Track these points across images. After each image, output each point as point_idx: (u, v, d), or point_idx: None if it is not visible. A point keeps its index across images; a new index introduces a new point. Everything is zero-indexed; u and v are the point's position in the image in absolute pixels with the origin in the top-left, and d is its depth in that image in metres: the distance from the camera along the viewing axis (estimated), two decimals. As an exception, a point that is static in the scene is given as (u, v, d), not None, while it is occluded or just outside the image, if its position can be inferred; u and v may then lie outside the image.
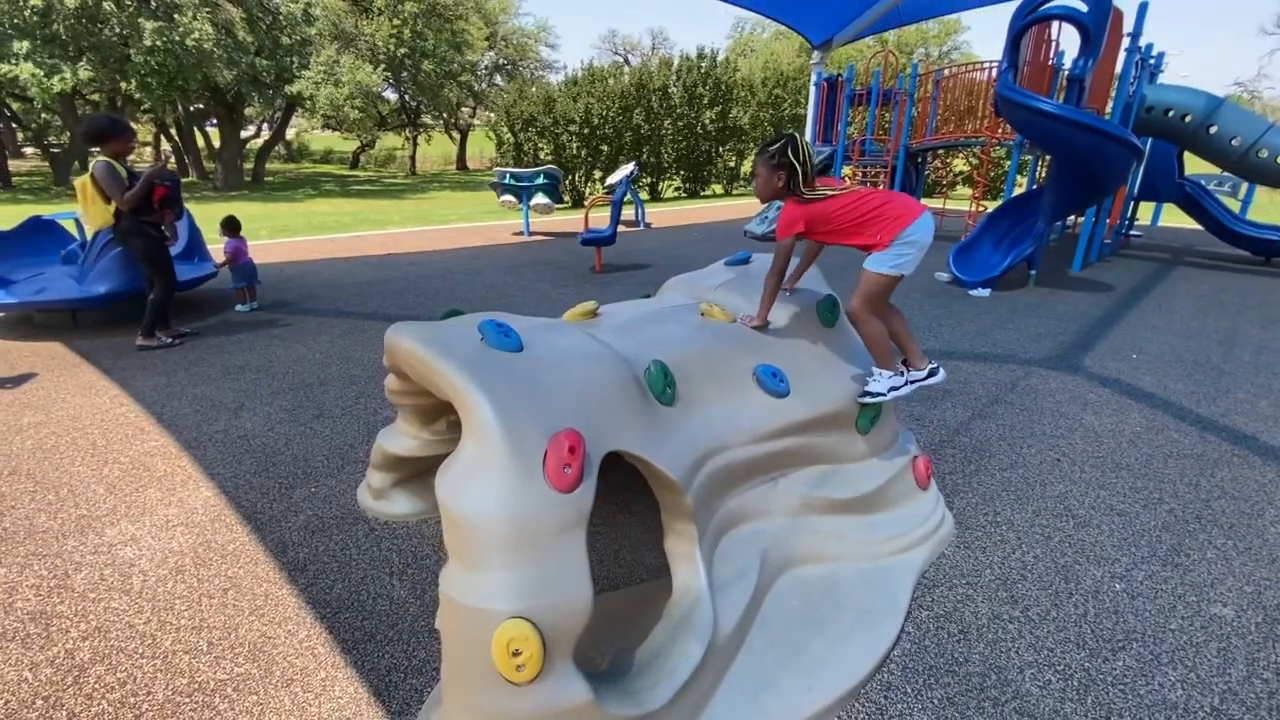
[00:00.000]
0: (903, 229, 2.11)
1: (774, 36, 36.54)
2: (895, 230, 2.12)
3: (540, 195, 9.90)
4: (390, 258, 8.17)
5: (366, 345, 4.62)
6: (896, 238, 2.12)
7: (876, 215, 2.14)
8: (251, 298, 5.48)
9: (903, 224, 2.11)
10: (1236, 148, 7.22)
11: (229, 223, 5.41)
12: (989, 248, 6.90)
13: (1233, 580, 2.23)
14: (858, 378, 2.33)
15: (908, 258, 2.14)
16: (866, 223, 2.15)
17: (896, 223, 2.12)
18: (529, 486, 1.39)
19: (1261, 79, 38.49)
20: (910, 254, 2.14)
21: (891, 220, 2.13)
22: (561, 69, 48.02)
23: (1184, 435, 3.35)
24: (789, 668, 1.73)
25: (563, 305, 5.87)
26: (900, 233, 2.11)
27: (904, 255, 2.14)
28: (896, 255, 2.13)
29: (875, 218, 2.14)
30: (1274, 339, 5.09)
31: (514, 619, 1.28)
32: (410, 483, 2.56)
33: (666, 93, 16.91)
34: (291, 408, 3.54)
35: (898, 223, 2.12)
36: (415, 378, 1.75)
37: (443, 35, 26.05)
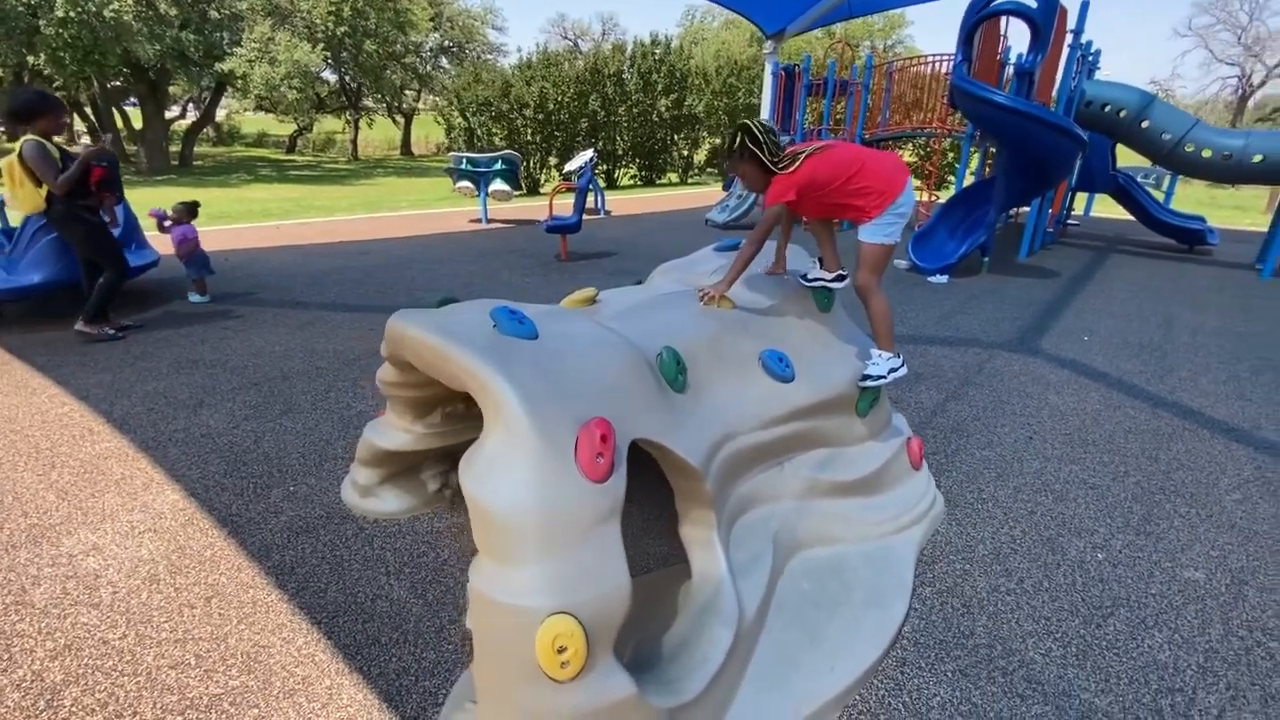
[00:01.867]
0: (891, 202, 2.19)
1: (724, 25, 36.65)
2: (884, 204, 2.19)
3: (499, 181, 9.65)
4: (342, 246, 7.82)
5: (330, 336, 4.41)
6: (886, 210, 2.19)
7: (865, 189, 2.20)
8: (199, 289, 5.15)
9: (890, 197, 2.19)
10: (1167, 141, 7.68)
11: (191, 207, 5.06)
12: (944, 236, 7.13)
13: (1200, 546, 2.37)
14: (856, 361, 2.36)
15: (897, 227, 2.24)
16: (856, 193, 2.21)
17: (884, 196, 2.19)
18: (563, 477, 1.34)
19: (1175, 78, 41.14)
20: (900, 224, 2.24)
21: (878, 194, 2.19)
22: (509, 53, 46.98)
23: (1139, 412, 3.55)
24: (809, 649, 1.74)
25: (531, 294, 5.82)
26: (889, 206, 2.19)
27: (894, 225, 2.23)
28: (888, 225, 2.22)
29: (864, 190, 2.20)
30: (1205, 321, 5.45)
31: (558, 614, 1.24)
32: (400, 478, 2.46)
33: (621, 79, 16.75)
34: (256, 403, 3.35)
35: (885, 196, 2.19)
36: (424, 368, 1.67)
37: (385, 14, 24.99)
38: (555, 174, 16.74)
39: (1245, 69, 33.20)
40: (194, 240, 4.99)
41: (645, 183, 18.97)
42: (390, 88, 31.17)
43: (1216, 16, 32.51)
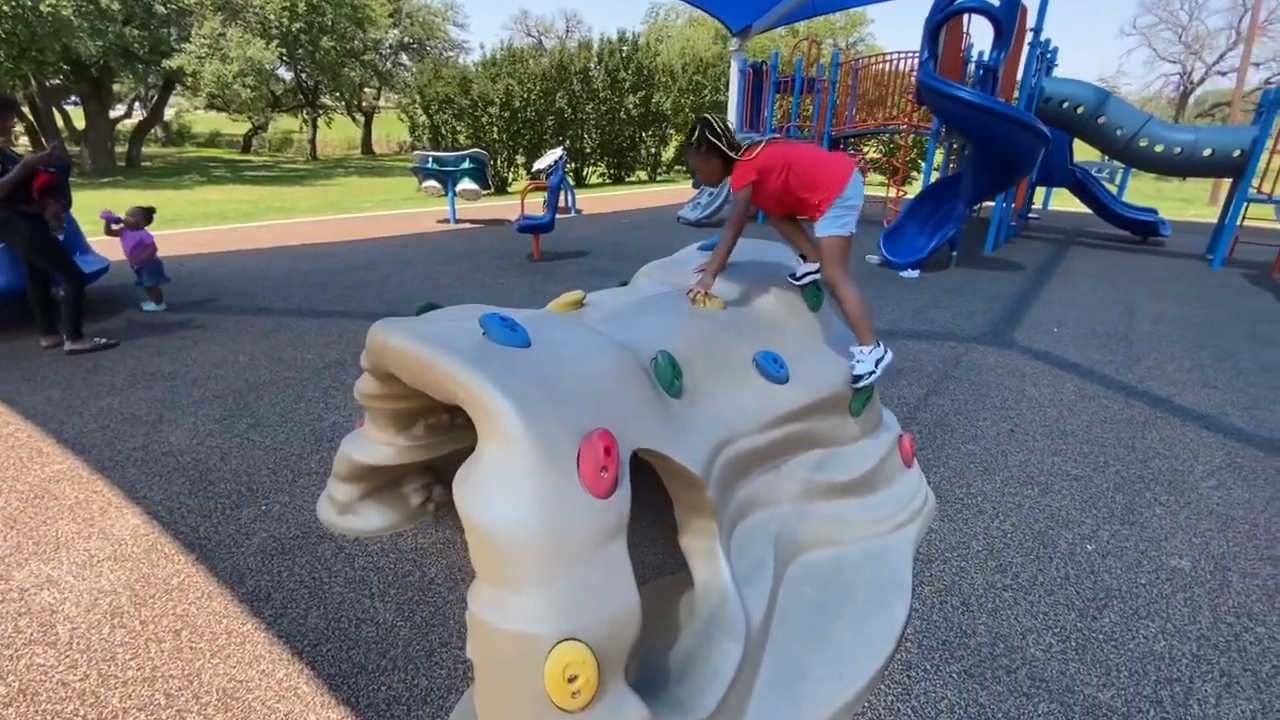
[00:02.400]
0: (838, 194, 2.21)
1: (689, 23, 36.73)
2: (831, 197, 2.21)
3: (467, 180, 9.46)
4: (306, 249, 7.56)
5: (297, 344, 4.23)
6: (833, 204, 2.21)
7: (814, 183, 2.23)
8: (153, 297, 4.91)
9: (836, 190, 2.21)
10: (1121, 137, 7.93)
11: (147, 213, 4.80)
12: (914, 231, 7.23)
13: (1182, 534, 2.42)
14: (848, 360, 2.34)
15: (849, 218, 2.24)
16: (805, 186, 2.23)
17: (830, 189, 2.22)
18: (566, 493, 1.27)
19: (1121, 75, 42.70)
20: (852, 215, 2.25)
21: (825, 188, 2.22)
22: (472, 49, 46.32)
23: (1112, 401, 3.63)
24: (816, 656, 1.71)
25: (504, 296, 5.69)
26: (835, 199, 2.21)
27: (845, 217, 2.24)
28: (840, 217, 2.23)
29: (812, 184, 2.23)
30: (1165, 310, 5.63)
31: (566, 641, 1.17)
32: (381, 493, 2.35)
33: (588, 76, 16.61)
34: (221, 417, 3.18)
35: (831, 189, 2.21)
36: (409, 379, 1.57)
37: (342, 10, 24.32)
38: (523, 172, 16.52)
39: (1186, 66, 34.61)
40: (151, 246, 4.76)
41: (614, 181, 18.87)
42: (349, 85, 30.42)
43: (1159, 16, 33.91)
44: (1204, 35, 33.45)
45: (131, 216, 4.72)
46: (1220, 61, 32.91)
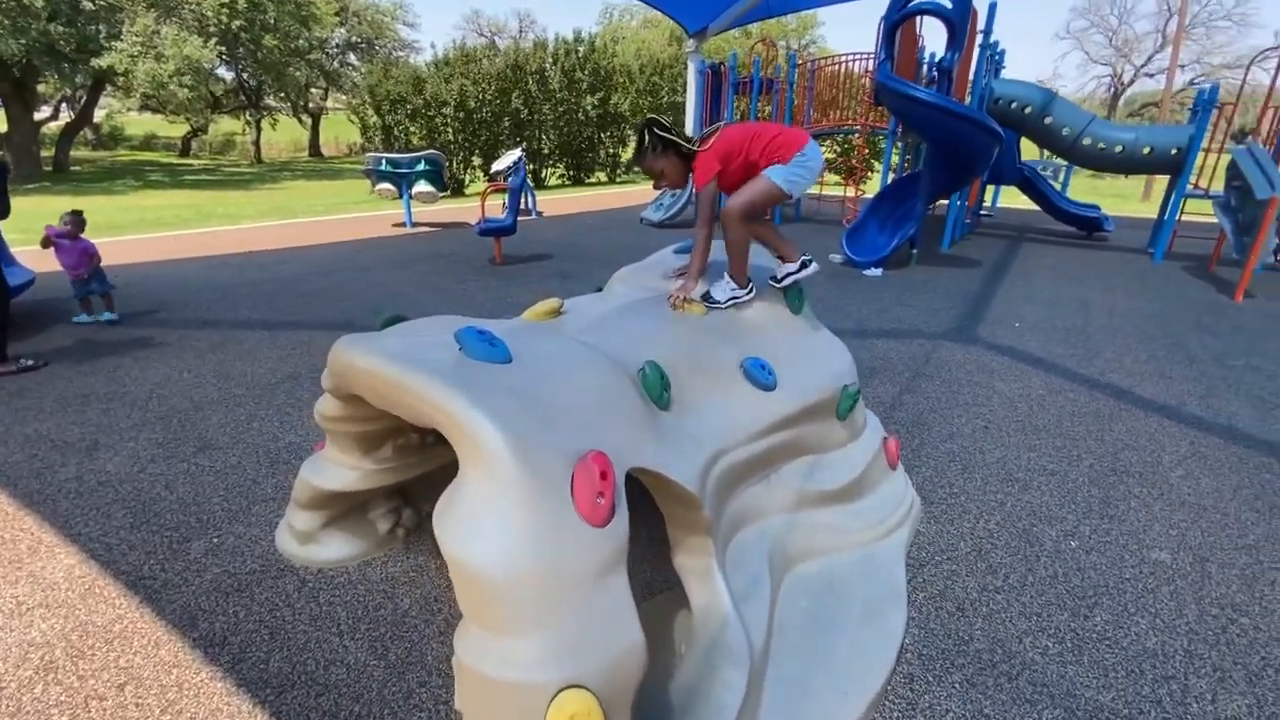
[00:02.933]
0: (799, 150, 2.21)
1: (643, 24, 36.75)
2: (793, 151, 2.21)
3: (423, 183, 9.19)
4: (254, 256, 7.20)
5: (247, 359, 3.98)
6: (795, 156, 2.21)
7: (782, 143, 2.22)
8: (88, 309, 4.58)
9: (798, 146, 2.21)
10: (1067, 136, 8.21)
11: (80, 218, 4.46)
12: (875, 230, 7.32)
13: (1159, 526, 2.45)
14: (834, 363, 2.29)
15: (800, 178, 2.23)
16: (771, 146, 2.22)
17: (792, 146, 2.22)
18: (561, 524, 1.17)
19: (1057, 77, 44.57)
20: (804, 175, 2.24)
21: (788, 145, 2.22)
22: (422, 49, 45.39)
23: (1078, 394, 3.70)
24: (818, 674, 1.64)
25: (467, 301, 5.51)
26: (797, 154, 2.21)
27: (798, 174, 2.22)
28: (792, 172, 2.22)
29: (780, 144, 2.22)
30: (1117, 303, 5.83)
31: (569, 689, 1.06)
32: (345, 520, 2.19)
33: (544, 77, 16.40)
34: (164, 441, 2.95)
35: (793, 146, 2.22)
36: (378, 402, 1.44)
37: (285, 8, 23.45)
38: (480, 174, 16.21)
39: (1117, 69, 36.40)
40: (98, 253, 4.50)
41: (574, 182, 18.70)
42: (294, 86, 29.40)
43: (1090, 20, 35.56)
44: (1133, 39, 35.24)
45: (70, 224, 4.39)
46: (1148, 64, 34.73)
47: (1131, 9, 36.07)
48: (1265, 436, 3.19)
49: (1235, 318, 5.40)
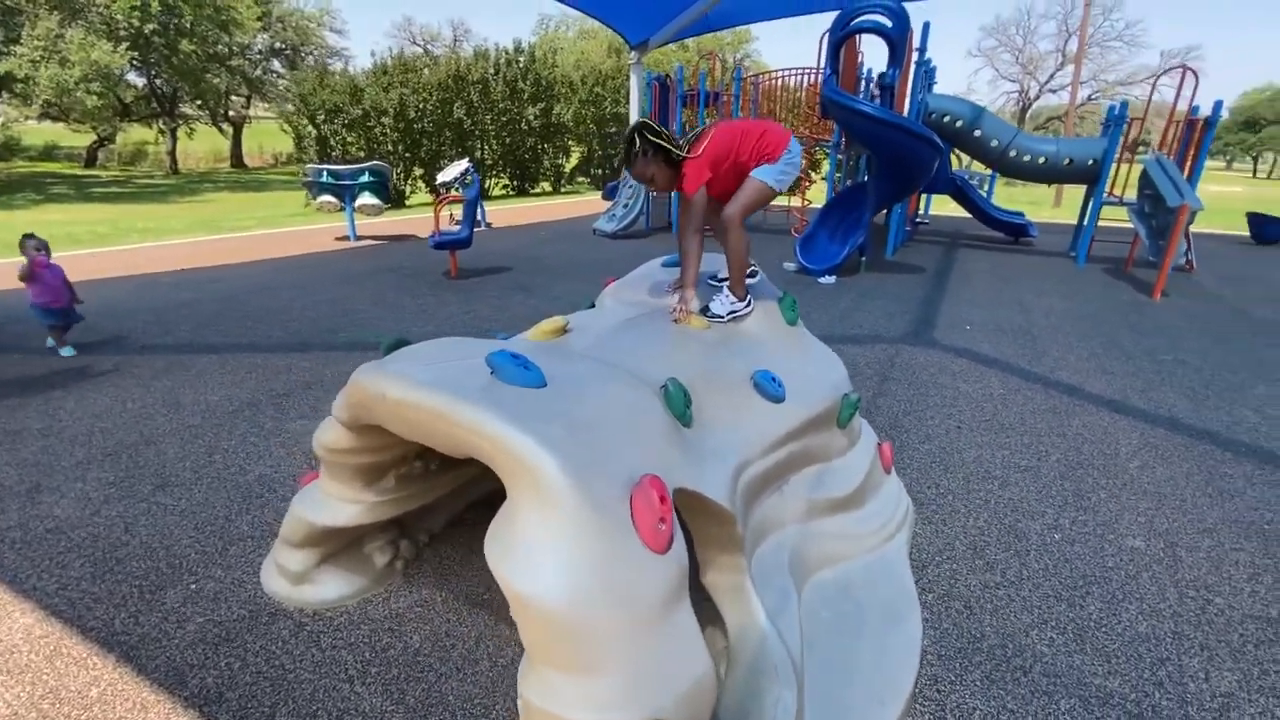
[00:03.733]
0: (786, 148, 2.29)
1: (580, 35, 36.86)
2: (780, 150, 2.28)
3: (367, 195, 8.87)
4: (187, 274, 6.75)
5: (197, 386, 3.72)
6: (783, 155, 2.28)
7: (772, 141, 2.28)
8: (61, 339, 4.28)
9: (784, 144, 2.29)
10: (996, 148, 8.73)
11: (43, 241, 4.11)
12: (826, 239, 7.56)
13: (1128, 515, 2.62)
14: (833, 372, 2.34)
15: (788, 175, 2.32)
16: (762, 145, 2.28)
17: (779, 144, 2.29)
18: (627, 553, 1.14)
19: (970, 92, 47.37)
20: (791, 172, 2.32)
21: (775, 144, 2.28)
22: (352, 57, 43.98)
23: (1034, 392, 3.92)
24: (852, 685, 1.66)
25: (427, 317, 5.35)
26: (785, 151, 2.28)
27: (786, 172, 2.31)
28: (781, 170, 2.29)
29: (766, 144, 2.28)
30: (1053, 304, 6.22)
31: (654, 725, 1.03)
32: (339, 556, 2.07)
33: (486, 87, 16.17)
34: (116, 480, 2.71)
35: (780, 144, 2.29)
36: (408, 432, 1.36)
37: (203, 11, 22.26)
38: (422, 185, 15.80)
39: (1023, 85, 39.08)
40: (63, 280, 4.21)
41: (518, 193, 18.48)
42: (213, 93, 27.89)
43: (999, 40, 38.04)
44: (1037, 57, 37.93)
45: (43, 249, 4.06)
46: (1051, 80, 37.44)
47: (1035, 30, 39.20)
48: (1203, 426, 3.47)
49: (1156, 316, 5.85)
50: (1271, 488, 2.84)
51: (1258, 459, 3.10)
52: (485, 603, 2.03)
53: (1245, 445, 3.25)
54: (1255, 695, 1.75)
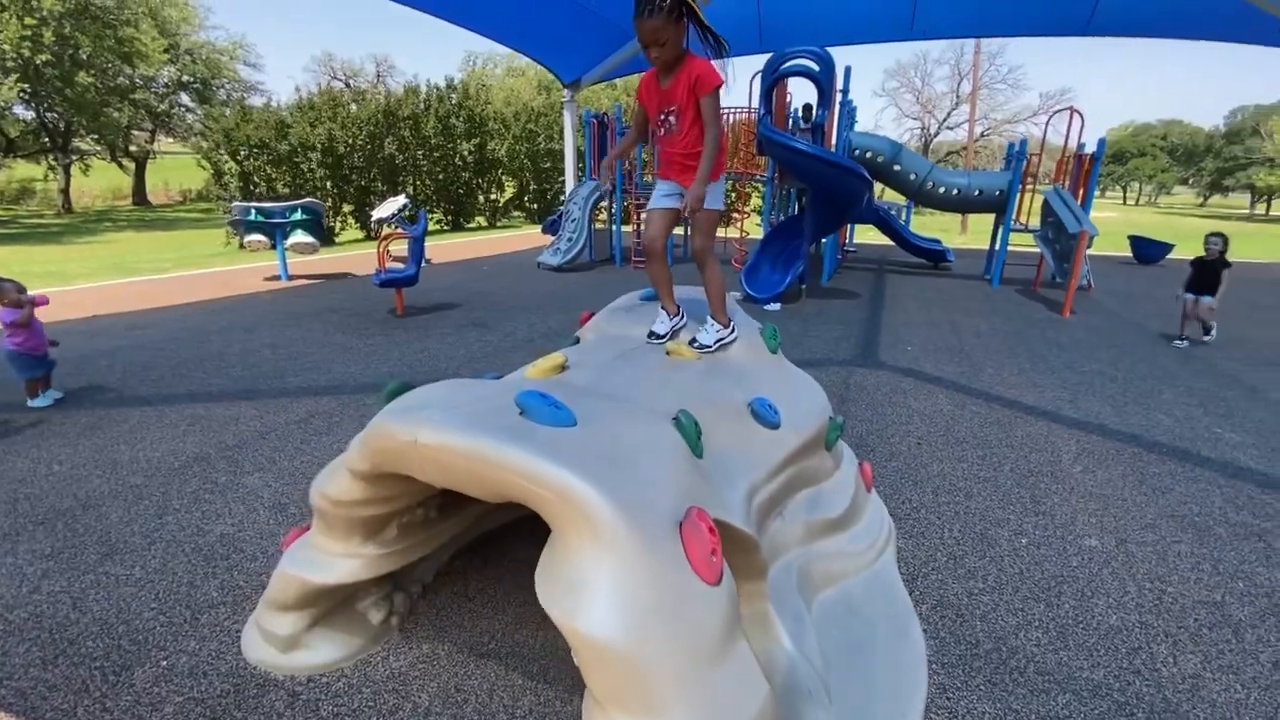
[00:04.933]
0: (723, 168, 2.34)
1: (507, 72, 37.18)
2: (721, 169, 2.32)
3: (300, 233, 8.53)
4: (101, 322, 6.25)
5: (134, 441, 3.44)
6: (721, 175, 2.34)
7: None
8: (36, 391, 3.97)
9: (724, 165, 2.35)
10: (914, 181, 9.42)
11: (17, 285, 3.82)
12: (769, 269, 7.87)
13: (1081, 516, 2.83)
14: (818, 396, 2.44)
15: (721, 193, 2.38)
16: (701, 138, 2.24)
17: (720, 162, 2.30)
18: (685, 588, 1.15)
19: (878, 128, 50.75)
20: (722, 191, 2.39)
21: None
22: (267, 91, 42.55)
23: (980, 407, 4.20)
24: (874, 700, 1.71)
25: (381, 357, 5.19)
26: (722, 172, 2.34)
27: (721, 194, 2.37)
28: (719, 191, 2.35)
29: None
30: (979, 324, 6.70)
31: (731, 758, 1.04)
32: (332, 617, 1.95)
33: (418, 122, 16.01)
34: (54, 551, 2.45)
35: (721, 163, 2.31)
36: (439, 478, 1.33)
37: (104, 43, 21.04)
38: (353, 221, 15.34)
39: (924, 122, 42.37)
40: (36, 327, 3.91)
41: (453, 227, 18.25)
42: (114, 128, 26.17)
43: (900, 81, 41.21)
44: (934, 97, 41.27)
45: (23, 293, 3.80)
46: (948, 118, 40.75)
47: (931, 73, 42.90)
48: (1127, 430, 3.81)
49: (1069, 332, 6.41)
50: (1193, 483, 3.15)
51: (1177, 458, 3.44)
52: (492, 653, 1.97)
53: (1165, 445, 3.59)
54: (1218, 674, 1.92)
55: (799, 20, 11.39)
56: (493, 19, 11.44)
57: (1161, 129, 58.07)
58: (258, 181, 13.31)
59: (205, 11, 30.62)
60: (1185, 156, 55.55)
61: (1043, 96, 44.50)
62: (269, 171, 13.40)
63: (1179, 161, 56.14)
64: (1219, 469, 3.30)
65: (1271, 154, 39.43)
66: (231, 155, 13.07)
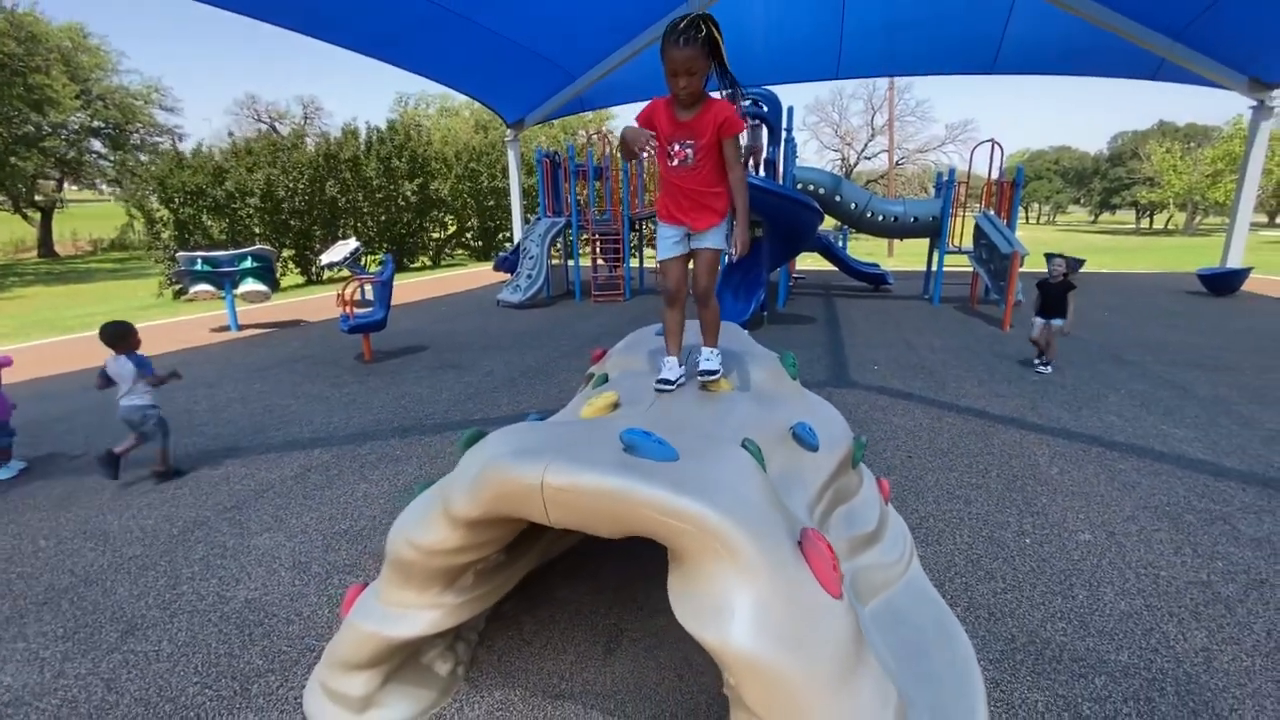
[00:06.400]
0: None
1: (441, 113, 37.15)
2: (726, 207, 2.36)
3: (251, 281, 8.23)
4: (45, 385, 5.83)
5: (121, 511, 3.24)
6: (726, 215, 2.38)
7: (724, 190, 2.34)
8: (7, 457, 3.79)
9: None
10: (855, 210, 10.03)
11: None
12: (731, 298, 8.15)
13: (1071, 514, 3.09)
14: (841, 418, 2.60)
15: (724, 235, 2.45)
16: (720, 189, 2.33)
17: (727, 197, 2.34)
18: (815, 604, 1.25)
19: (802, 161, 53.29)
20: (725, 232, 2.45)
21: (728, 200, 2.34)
22: (188, 135, 40.92)
23: (955, 419, 4.49)
24: (944, 699, 1.83)
25: (360, 405, 5.08)
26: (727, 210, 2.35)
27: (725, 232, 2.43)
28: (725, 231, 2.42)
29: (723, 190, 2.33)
30: (931, 340, 7.14)
31: (890, 756, 1.13)
32: (400, 674, 1.92)
33: (358, 164, 15.78)
34: (69, 631, 2.30)
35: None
36: (563, 518, 1.38)
37: (13, 90, 19.81)
38: (293, 266, 14.85)
39: (844, 154, 44.98)
40: None
41: (398, 268, 17.92)
42: (20, 178, 24.47)
43: (820, 116, 43.77)
44: (851, 131, 43.93)
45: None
46: (865, 149, 43.38)
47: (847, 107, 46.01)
48: (1087, 432, 4.17)
49: (1013, 344, 6.92)
50: (1156, 476, 3.49)
51: (1137, 455, 3.79)
52: (564, 694, 1.98)
53: (1123, 444, 3.95)
54: (1223, 645, 2.15)
55: (733, 60, 12.07)
56: (436, 62, 11.57)
57: (1054, 154, 63.74)
58: (193, 229, 12.73)
59: (118, 56, 29.25)
60: (1076, 178, 61.09)
61: (948, 128, 48.13)
62: (204, 219, 12.86)
63: (1071, 183, 61.67)
64: (1174, 462, 3.67)
65: (1150, 174, 43.87)
66: (165, 203, 12.48)
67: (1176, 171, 40.73)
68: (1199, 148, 43.42)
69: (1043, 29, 10.44)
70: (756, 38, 11.64)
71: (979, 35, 11.06)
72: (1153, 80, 11.79)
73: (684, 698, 1.95)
